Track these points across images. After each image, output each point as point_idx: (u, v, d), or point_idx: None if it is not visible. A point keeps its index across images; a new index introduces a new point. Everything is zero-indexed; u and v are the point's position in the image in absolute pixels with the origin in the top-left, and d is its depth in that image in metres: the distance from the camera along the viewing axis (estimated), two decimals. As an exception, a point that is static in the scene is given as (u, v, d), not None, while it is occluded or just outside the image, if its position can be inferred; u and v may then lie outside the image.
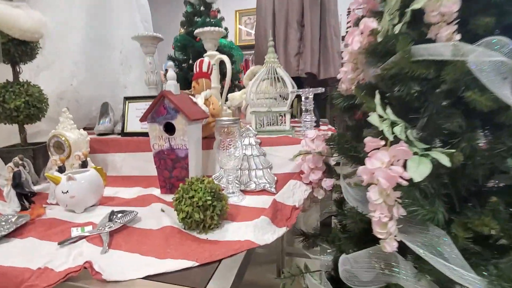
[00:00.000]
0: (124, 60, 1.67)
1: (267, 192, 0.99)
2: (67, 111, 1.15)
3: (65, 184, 0.83)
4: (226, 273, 0.56)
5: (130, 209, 0.83)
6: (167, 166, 0.97)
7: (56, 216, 0.83)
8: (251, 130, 1.08)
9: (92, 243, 0.67)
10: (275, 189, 0.99)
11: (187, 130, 0.92)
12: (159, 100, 0.92)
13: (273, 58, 1.20)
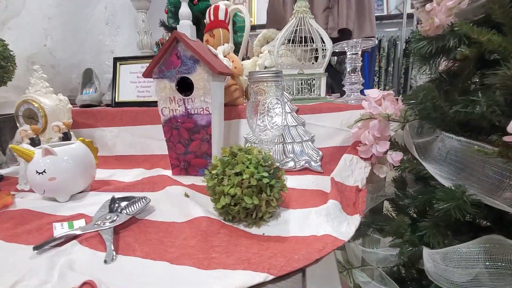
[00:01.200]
0: (110, 19, 1.36)
1: (310, 171, 0.78)
2: (40, 70, 0.87)
3: (40, 161, 0.58)
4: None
5: (137, 194, 0.59)
6: (182, 139, 0.73)
7: (30, 207, 0.58)
8: (284, 93, 0.85)
9: (87, 246, 0.43)
10: (321, 167, 0.78)
11: (210, 88, 0.68)
12: (170, 46, 0.67)
13: (304, 7, 0.96)
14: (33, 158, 0.58)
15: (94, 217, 0.51)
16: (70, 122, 0.83)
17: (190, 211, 0.52)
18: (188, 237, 0.45)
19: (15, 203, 0.61)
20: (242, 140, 0.87)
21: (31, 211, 0.56)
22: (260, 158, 0.48)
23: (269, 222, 0.49)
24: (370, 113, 0.69)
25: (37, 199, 0.64)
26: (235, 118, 0.86)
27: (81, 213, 0.55)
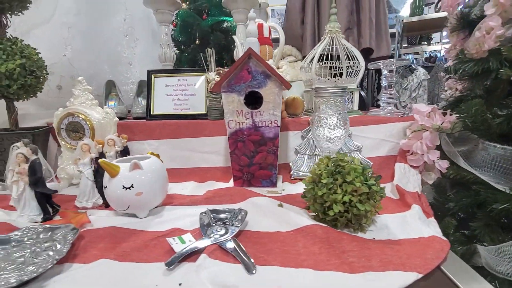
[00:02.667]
0: (129, 31, 1.34)
1: (361, 179, 0.83)
2: (84, 82, 0.84)
3: (128, 176, 0.56)
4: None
5: (227, 207, 0.60)
6: (247, 151, 0.75)
7: (116, 224, 0.56)
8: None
9: (217, 259, 0.43)
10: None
11: (280, 102, 0.71)
12: (242, 62, 0.69)
13: (336, 27, 1.04)
14: (119, 173, 0.56)
15: (203, 230, 0.51)
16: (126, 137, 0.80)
17: (294, 220, 0.53)
18: (308, 245, 0.47)
19: (92, 221, 0.58)
20: (291, 151, 0.90)
21: (121, 228, 0.54)
22: (361, 167, 0.52)
23: (368, 228, 0.52)
24: (423, 125, 0.76)
25: (111, 215, 0.62)
26: (283, 131, 0.90)
27: (176, 228, 0.54)
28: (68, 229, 0.51)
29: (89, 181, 0.67)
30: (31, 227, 0.51)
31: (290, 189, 0.75)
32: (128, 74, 1.35)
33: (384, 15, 1.25)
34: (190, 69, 1.15)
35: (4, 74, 0.75)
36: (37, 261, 0.43)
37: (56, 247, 0.47)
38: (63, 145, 0.81)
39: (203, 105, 1.03)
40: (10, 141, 0.80)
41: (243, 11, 1.29)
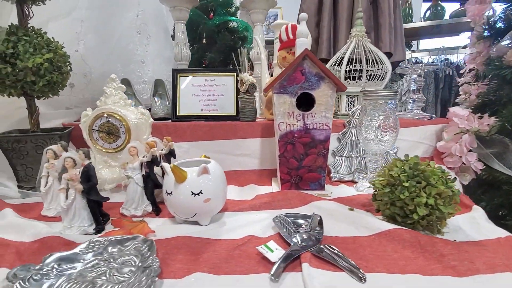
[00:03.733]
0: (141, 28, 1.27)
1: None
2: (117, 80, 0.78)
3: (196, 181, 0.52)
4: None
5: (292, 211, 0.58)
6: (296, 153, 0.73)
7: (189, 233, 0.52)
8: (363, 110, 0.91)
9: (320, 268, 0.42)
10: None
11: (332, 104, 0.70)
12: (297, 63, 0.68)
13: (363, 31, 1.06)
14: (187, 178, 0.52)
15: (286, 237, 0.49)
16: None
17: (372, 224, 0.53)
18: (398, 249, 0.46)
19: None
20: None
21: (193, 237, 0.51)
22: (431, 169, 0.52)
23: (442, 230, 0.53)
24: (462, 128, 0.79)
25: (169, 224, 0.58)
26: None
27: (251, 235, 0.51)
28: (139, 241, 0.47)
29: (139, 187, 0.62)
30: (95, 240, 0.46)
31: (338, 192, 0.75)
32: (141, 72, 1.29)
33: (399, 20, 1.29)
34: (218, 69, 1.11)
35: (31, 69, 0.68)
36: (122, 278, 0.39)
37: (135, 261, 0.42)
38: (95, 147, 0.75)
39: (233, 106, 1.00)
40: (34, 144, 0.72)
41: (262, 11, 1.28)
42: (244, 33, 1.96)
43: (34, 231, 0.52)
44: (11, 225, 0.55)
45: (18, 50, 0.67)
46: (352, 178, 0.84)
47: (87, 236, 0.53)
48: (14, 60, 0.67)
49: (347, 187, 0.79)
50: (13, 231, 0.53)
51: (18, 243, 0.49)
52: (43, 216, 0.62)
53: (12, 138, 0.70)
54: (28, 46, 0.68)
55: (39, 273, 0.38)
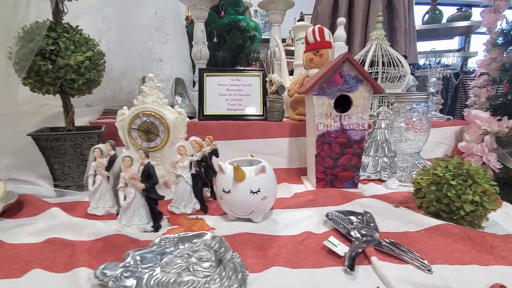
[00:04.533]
0: (160, 26, 1.26)
1: (423, 179, 0.88)
2: (155, 79, 0.78)
3: (255, 180, 0.54)
4: None
5: (338, 208, 0.61)
6: (332, 153, 0.76)
7: (241, 230, 0.54)
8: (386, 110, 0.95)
9: (387, 261, 0.44)
10: (431, 175, 0.89)
11: (369, 106, 0.73)
12: (337, 66, 0.70)
13: (383, 35, 1.10)
14: (246, 177, 0.54)
15: (346, 233, 0.51)
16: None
17: (419, 220, 0.56)
18: (449, 243, 0.50)
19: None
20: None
21: (255, 234, 0.52)
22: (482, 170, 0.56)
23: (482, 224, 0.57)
24: (484, 130, 0.84)
25: (222, 221, 0.59)
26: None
27: (308, 231, 0.54)
28: (207, 238, 0.48)
29: (188, 186, 0.63)
30: (165, 237, 0.47)
31: (370, 190, 0.78)
32: (158, 70, 1.28)
33: (413, 23, 1.34)
34: (245, 69, 1.12)
35: (71, 67, 0.68)
36: (207, 273, 0.40)
37: (210, 257, 0.44)
38: (133, 146, 0.75)
39: (259, 106, 1.01)
40: (73, 142, 0.72)
41: (280, 12, 1.30)
42: (254, 32, 1.97)
43: (94, 229, 0.53)
44: (66, 224, 0.55)
45: (59, 47, 0.66)
46: (379, 177, 0.88)
47: (146, 234, 0.54)
48: (55, 57, 0.66)
49: (376, 185, 0.83)
50: (70, 230, 0.53)
51: (80, 242, 0.50)
52: (91, 214, 0.62)
53: (52, 136, 0.70)
54: (69, 43, 0.68)
55: (128, 270, 0.39)
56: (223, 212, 0.63)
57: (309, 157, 0.84)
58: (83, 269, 0.41)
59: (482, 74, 1.13)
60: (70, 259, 0.44)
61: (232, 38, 1.83)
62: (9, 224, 0.57)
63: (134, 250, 0.43)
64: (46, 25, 0.65)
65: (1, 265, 0.44)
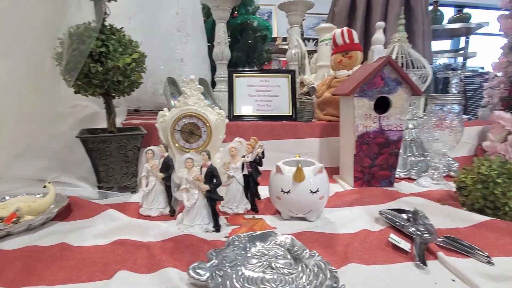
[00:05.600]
0: (181, 26, 1.26)
1: (451, 177, 0.92)
2: (196, 81, 0.79)
3: (314, 180, 0.56)
4: None
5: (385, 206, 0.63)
6: (370, 153, 0.78)
7: (301, 229, 0.56)
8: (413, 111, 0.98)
9: (451, 256, 0.47)
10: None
11: (407, 107, 0.76)
12: (378, 69, 0.73)
13: (405, 37, 1.12)
14: (306, 178, 0.56)
15: (405, 230, 0.54)
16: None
17: (467, 217, 0.59)
18: (499, 237, 0.53)
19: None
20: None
21: (318, 233, 0.54)
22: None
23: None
24: (508, 130, 0.88)
25: (276, 220, 0.61)
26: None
27: (365, 229, 0.56)
28: (279, 237, 0.49)
29: (240, 186, 0.64)
30: (238, 237, 0.49)
31: (405, 188, 0.80)
32: (180, 71, 1.28)
33: (429, 25, 1.37)
34: (273, 70, 1.13)
35: (119, 69, 0.68)
36: (289, 270, 0.42)
37: (286, 255, 0.46)
38: (175, 147, 0.76)
39: (287, 107, 1.03)
40: (118, 144, 0.72)
41: (300, 14, 1.31)
42: (265, 32, 1.98)
43: (159, 230, 0.54)
44: (130, 226, 0.55)
45: (107, 49, 0.67)
46: (409, 176, 0.91)
47: (210, 234, 0.55)
48: (104, 59, 0.66)
49: (408, 184, 0.85)
50: (135, 231, 0.54)
51: (151, 243, 0.50)
52: (145, 215, 0.63)
53: (99, 138, 0.70)
54: (117, 45, 0.68)
55: (218, 269, 0.40)
56: (274, 211, 0.65)
57: (344, 157, 0.86)
58: (171, 269, 0.42)
59: (495, 76, 1.18)
60: (152, 260, 0.45)
61: (244, 38, 1.84)
62: (66, 227, 0.58)
63: (214, 250, 0.45)
64: (97, 27, 0.65)
65: (79, 268, 0.44)
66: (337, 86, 0.99)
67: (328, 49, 1.19)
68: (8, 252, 0.48)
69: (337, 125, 0.96)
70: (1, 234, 0.52)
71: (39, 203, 0.58)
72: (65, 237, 0.53)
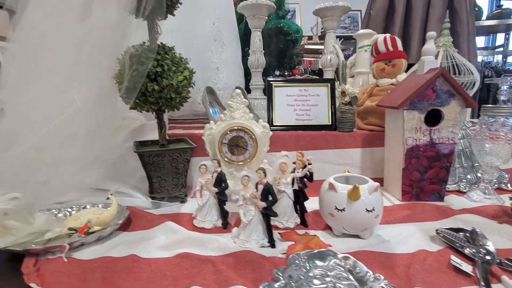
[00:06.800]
0: (217, 35, 1.30)
1: (503, 190, 0.87)
2: (242, 95, 0.81)
3: (369, 199, 0.56)
4: None
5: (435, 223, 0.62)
6: (420, 166, 0.76)
7: (359, 247, 0.56)
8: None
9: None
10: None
11: (460, 120, 0.73)
12: (431, 81, 0.71)
13: (450, 41, 1.08)
14: (361, 196, 0.56)
15: (467, 250, 0.52)
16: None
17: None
18: None
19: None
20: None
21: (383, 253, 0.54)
22: None
23: None
24: None
25: (329, 237, 0.61)
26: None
27: (423, 249, 0.55)
28: (339, 256, 0.50)
29: (291, 201, 0.65)
30: (297, 255, 0.50)
31: (457, 203, 0.78)
32: (216, 79, 1.32)
33: (473, 27, 1.31)
34: (312, 79, 1.14)
35: (173, 87, 0.71)
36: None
37: (349, 277, 0.46)
38: (223, 160, 0.78)
39: (327, 116, 1.03)
40: (170, 157, 0.76)
41: (336, 19, 1.29)
42: (296, 35, 1.98)
43: (218, 245, 0.56)
44: (190, 239, 0.58)
45: (162, 69, 0.70)
46: (457, 188, 0.87)
47: (267, 249, 0.56)
48: (160, 78, 0.70)
49: (457, 197, 0.82)
50: (196, 245, 0.57)
51: (213, 258, 0.53)
52: (199, 227, 0.66)
53: (154, 152, 0.74)
54: (171, 65, 0.71)
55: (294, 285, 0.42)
56: (324, 227, 0.66)
57: (390, 169, 0.85)
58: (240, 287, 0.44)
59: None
60: (219, 276, 0.47)
61: (276, 43, 1.85)
62: (130, 238, 0.62)
63: (279, 269, 0.46)
64: (154, 48, 0.69)
65: (152, 281, 0.48)
66: (379, 94, 0.97)
67: (367, 55, 1.16)
68: (85, 262, 0.53)
69: (380, 135, 0.94)
70: (77, 244, 0.56)
71: (106, 215, 0.63)
72: (132, 248, 0.57)
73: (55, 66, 0.57)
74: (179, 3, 0.79)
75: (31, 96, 0.56)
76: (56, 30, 0.56)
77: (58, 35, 0.56)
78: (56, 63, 0.57)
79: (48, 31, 0.56)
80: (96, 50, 0.59)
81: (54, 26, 0.56)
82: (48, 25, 0.56)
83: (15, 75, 0.62)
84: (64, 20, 0.57)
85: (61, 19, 0.57)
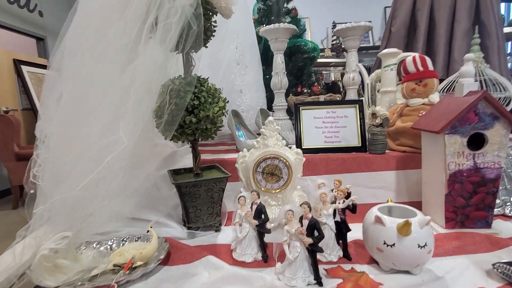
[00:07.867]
0: (240, 59, 1.32)
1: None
2: (275, 122, 0.81)
3: (421, 234, 0.54)
4: None
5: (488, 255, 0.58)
6: (464, 192, 0.73)
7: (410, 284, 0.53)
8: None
9: None
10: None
11: (506, 144, 0.70)
12: (473, 105, 0.68)
13: (481, 57, 1.05)
14: (412, 230, 0.53)
15: (537, 294, 0.49)
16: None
17: None
18: None
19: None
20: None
21: (431, 291, 0.52)
22: None
23: None
24: None
25: (374, 272, 0.59)
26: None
27: (481, 287, 0.52)
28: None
29: (333, 233, 0.64)
30: (349, 296, 0.48)
31: (505, 230, 0.73)
32: (239, 101, 1.33)
33: (503, 39, 1.27)
34: (340, 101, 1.14)
35: (209, 118, 0.72)
36: None
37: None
38: (258, 188, 0.78)
39: (356, 138, 1.01)
40: (206, 187, 0.76)
41: (358, 38, 1.29)
42: (313, 53, 1.99)
43: (264, 283, 0.55)
44: (235, 276, 0.57)
45: (199, 101, 0.71)
46: (502, 212, 0.83)
47: (310, 286, 0.55)
48: (197, 110, 0.71)
49: (506, 223, 0.78)
50: (242, 283, 0.56)
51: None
52: (240, 261, 0.65)
53: (191, 183, 0.74)
54: (207, 96, 0.73)
55: None
56: (369, 260, 0.63)
57: (431, 194, 0.81)
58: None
59: None
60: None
61: (294, 61, 1.86)
62: (172, 273, 0.61)
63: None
64: (192, 81, 0.70)
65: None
66: (411, 114, 0.96)
67: (393, 74, 1.15)
68: (134, 302, 0.53)
69: (414, 156, 0.92)
70: (122, 282, 0.56)
71: (148, 250, 0.63)
72: (178, 286, 0.56)
73: (103, 106, 0.59)
74: (213, 36, 0.81)
75: (81, 135, 0.58)
76: (104, 73, 0.59)
77: (106, 78, 0.59)
78: (104, 104, 0.59)
79: (95, 74, 0.58)
80: (141, 88, 0.60)
81: (102, 69, 0.59)
82: (95, 68, 0.58)
83: (63, 110, 0.65)
84: (112, 64, 0.59)
85: (108, 65, 0.59)
